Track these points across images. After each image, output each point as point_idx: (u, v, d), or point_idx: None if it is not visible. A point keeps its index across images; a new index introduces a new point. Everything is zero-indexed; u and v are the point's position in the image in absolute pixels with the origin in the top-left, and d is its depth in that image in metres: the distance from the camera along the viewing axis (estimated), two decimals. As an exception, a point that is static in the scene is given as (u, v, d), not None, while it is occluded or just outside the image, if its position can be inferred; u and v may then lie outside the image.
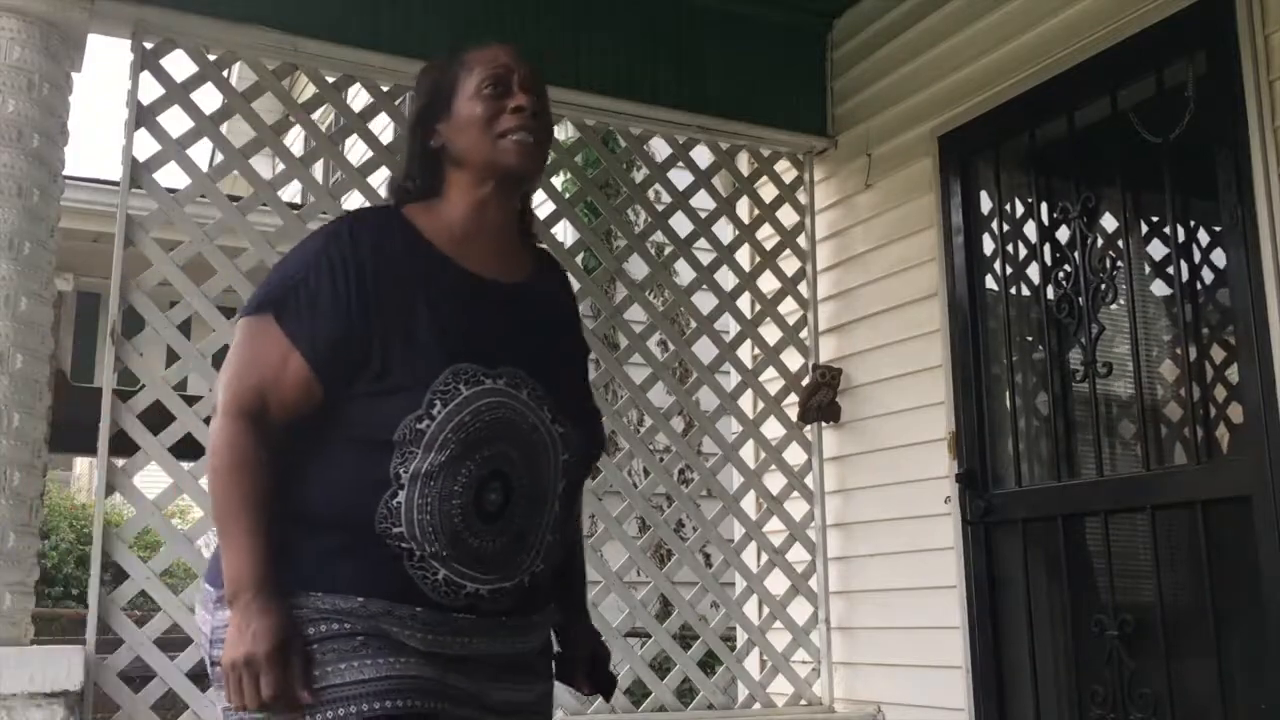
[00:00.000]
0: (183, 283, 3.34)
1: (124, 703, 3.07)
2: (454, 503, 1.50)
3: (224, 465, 1.51)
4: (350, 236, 1.58)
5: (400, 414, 1.49)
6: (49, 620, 8.05)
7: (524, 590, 1.57)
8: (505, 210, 1.69)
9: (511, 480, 1.54)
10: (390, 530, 1.49)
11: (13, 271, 2.92)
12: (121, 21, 3.34)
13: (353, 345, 1.53)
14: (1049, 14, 3.40)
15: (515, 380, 1.56)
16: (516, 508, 1.55)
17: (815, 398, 4.08)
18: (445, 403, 1.49)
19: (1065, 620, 3.26)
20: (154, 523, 3.29)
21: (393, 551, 1.50)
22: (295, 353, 1.53)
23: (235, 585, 1.47)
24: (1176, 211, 3.07)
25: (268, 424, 1.53)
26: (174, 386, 3.33)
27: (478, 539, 1.51)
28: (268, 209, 3.59)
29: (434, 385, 1.50)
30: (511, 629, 1.59)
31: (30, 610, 2.95)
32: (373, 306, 1.53)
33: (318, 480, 1.54)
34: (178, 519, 9.29)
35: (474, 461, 1.51)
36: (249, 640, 1.43)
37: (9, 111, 2.97)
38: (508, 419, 1.54)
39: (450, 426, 1.49)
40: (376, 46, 3.62)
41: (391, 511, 1.50)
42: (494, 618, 1.55)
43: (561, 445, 1.60)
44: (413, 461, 1.49)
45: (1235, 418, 3.03)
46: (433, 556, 1.50)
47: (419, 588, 1.50)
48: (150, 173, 3.36)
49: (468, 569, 1.51)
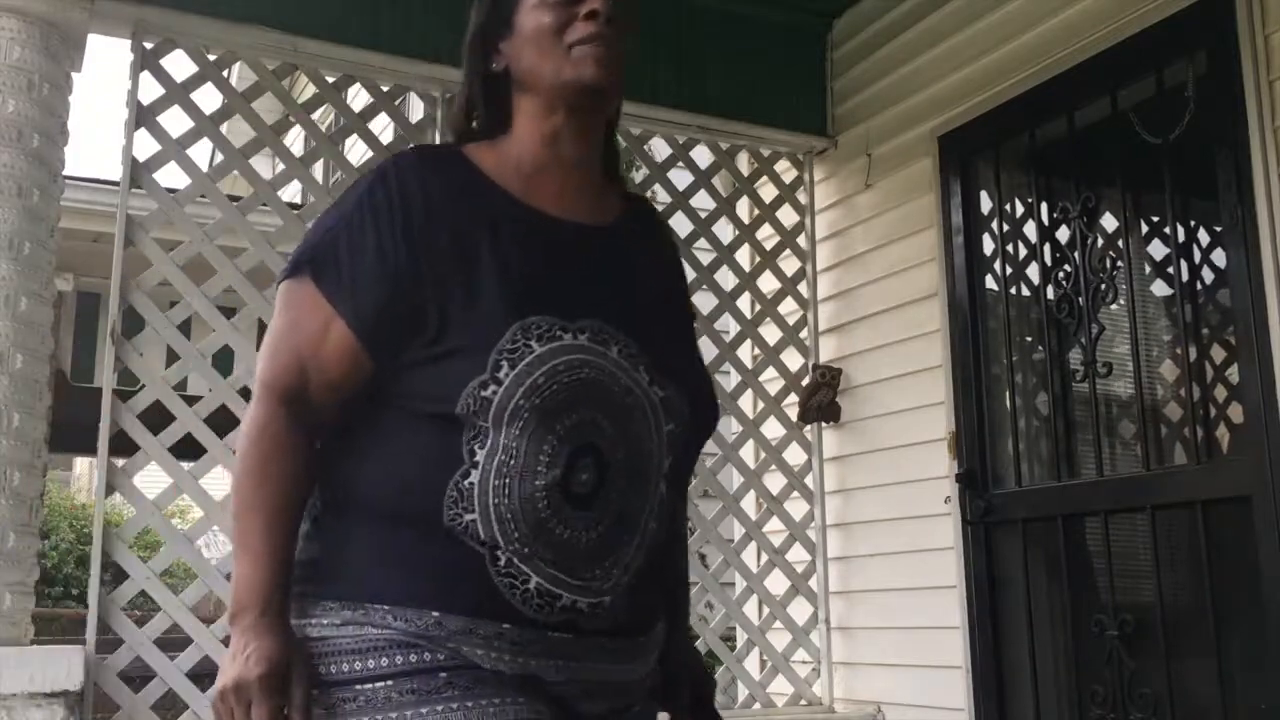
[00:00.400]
0: (183, 283, 3.34)
1: (124, 703, 3.06)
2: (537, 484, 1.24)
3: (251, 454, 1.28)
4: (397, 178, 1.33)
5: (462, 381, 1.24)
6: (49, 620, 8.06)
7: (626, 599, 1.30)
8: (584, 142, 1.41)
9: (605, 455, 1.27)
10: (462, 519, 1.24)
11: (13, 271, 2.92)
12: (121, 21, 3.34)
13: (403, 304, 1.27)
14: (1049, 14, 3.40)
15: (601, 335, 1.29)
16: (613, 490, 1.28)
17: (815, 398, 4.08)
18: (514, 363, 1.23)
19: (1065, 620, 3.26)
20: (154, 523, 3.29)
21: (469, 550, 1.24)
22: (337, 319, 1.28)
23: (241, 600, 1.24)
24: (1176, 211, 3.07)
25: (309, 406, 1.29)
26: (174, 386, 3.33)
27: (568, 529, 1.25)
28: (268, 209, 3.59)
29: (499, 344, 1.24)
30: (614, 653, 1.31)
31: (30, 610, 2.95)
32: (424, 257, 1.28)
33: (374, 463, 1.30)
34: (178, 519, 9.29)
35: (556, 434, 1.25)
36: (242, 664, 1.22)
37: (9, 111, 2.97)
38: (594, 380, 1.27)
39: (522, 391, 1.23)
40: (376, 46, 3.62)
41: (463, 494, 1.24)
42: (593, 637, 1.29)
43: (664, 413, 1.32)
44: (485, 437, 1.24)
45: (1235, 418, 3.03)
46: (516, 555, 1.23)
47: (505, 599, 1.24)
48: (150, 173, 3.36)
49: (561, 573, 1.25)
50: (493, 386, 1.23)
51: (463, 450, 1.25)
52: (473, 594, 1.23)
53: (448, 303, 1.27)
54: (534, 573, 1.24)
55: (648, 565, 1.32)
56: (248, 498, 1.27)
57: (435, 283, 1.27)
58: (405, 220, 1.29)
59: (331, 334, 1.28)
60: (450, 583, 1.24)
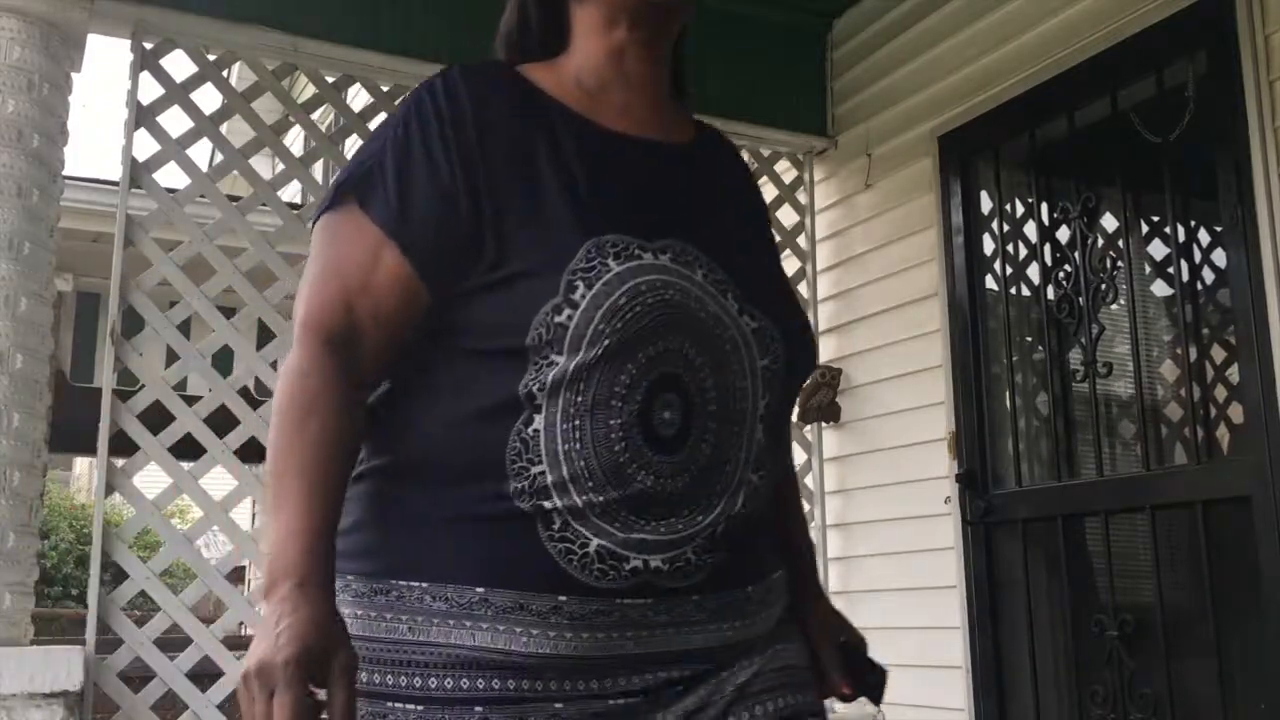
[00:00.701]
0: (182, 283, 3.34)
1: (124, 703, 3.06)
2: (613, 423, 1.08)
3: (289, 405, 1.10)
4: (445, 90, 1.16)
5: (530, 307, 1.08)
6: (49, 620, 8.07)
7: (721, 552, 1.12)
8: (650, 58, 1.27)
9: (691, 391, 1.11)
10: (529, 471, 1.08)
11: (12, 272, 2.92)
12: (121, 21, 3.34)
13: (459, 225, 1.12)
14: (1049, 14, 3.40)
15: (684, 257, 1.13)
16: (702, 432, 1.11)
17: (815, 398, 4.08)
18: (590, 283, 1.08)
19: (1065, 620, 3.26)
20: (153, 523, 3.28)
21: (519, 514, 1.08)
22: (388, 244, 1.12)
23: (276, 568, 1.04)
24: (1177, 211, 3.07)
25: (357, 350, 1.12)
26: (174, 386, 3.33)
27: (651, 475, 1.08)
28: (267, 209, 3.59)
29: (571, 264, 1.08)
30: (714, 612, 1.13)
31: (30, 610, 2.95)
32: (480, 171, 1.12)
33: (425, 414, 1.14)
34: (177, 519, 9.30)
35: (637, 363, 1.08)
36: (270, 643, 0.99)
37: (9, 111, 2.97)
38: (679, 304, 1.10)
39: (602, 314, 1.07)
40: (376, 46, 3.62)
41: (527, 444, 1.08)
42: (681, 597, 1.11)
43: (757, 346, 1.16)
44: (551, 374, 1.08)
45: (1236, 418, 3.03)
46: (586, 509, 1.07)
47: (560, 566, 1.07)
48: (150, 173, 3.36)
49: (634, 531, 1.08)
50: (568, 310, 1.07)
51: (526, 391, 1.09)
52: (523, 564, 1.07)
53: (508, 223, 1.12)
54: (595, 534, 1.07)
55: (748, 520, 1.14)
56: (284, 455, 1.08)
57: (493, 201, 1.12)
58: (456, 133, 1.14)
59: (382, 262, 1.12)
60: (498, 552, 1.08)
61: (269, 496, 1.10)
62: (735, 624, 1.15)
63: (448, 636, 1.07)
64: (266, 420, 3.34)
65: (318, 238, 1.17)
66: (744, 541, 1.15)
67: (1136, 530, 3.12)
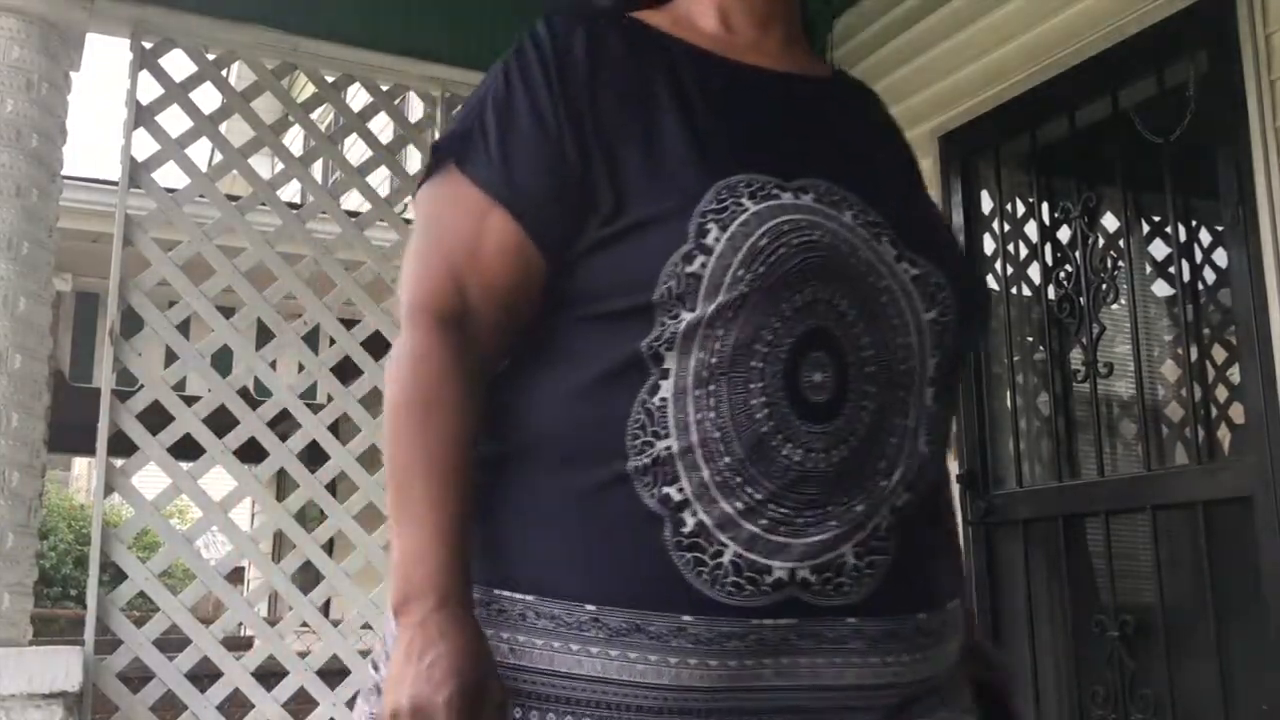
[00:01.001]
0: (182, 283, 3.34)
1: (123, 704, 3.06)
2: (754, 386, 0.92)
3: (407, 397, 0.97)
4: (548, 33, 1.06)
5: (656, 258, 0.95)
6: (48, 621, 8.07)
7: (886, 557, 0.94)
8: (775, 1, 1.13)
9: (845, 349, 0.95)
10: (653, 448, 0.92)
11: (11, 271, 2.92)
12: (120, 21, 3.34)
13: (570, 176, 0.99)
14: (1049, 14, 3.40)
15: (830, 197, 0.98)
16: (859, 398, 0.95)
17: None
18: (724, 225, 0.93)
19: (1066, 621, 3.26)
20: (153, 523, 3.28)
21: (643, 511, 0.92)
22: (494, 208, 1.00)
23: (410, 586, 0.92)
24: (1178, 211, 3.07)
25: (473, 329, 1.00)
26: (173, 386, 3.33)
27: (799, 448, 0.92)
28: (267, 208, 3.59)
29: (701, 207, 0.95)
30: (874, 641, 0.94)
31: (29, 611, 2.95)
32: (590, 119, 1.00)
33: (531, 392, 1.00)
34: (176, 519, 9.30)
35: (781, 315, 0.93)
36: (423, 677, 0.88)
37: (8, 111, 2.97)
38: (829, 247, 0.95)
39: (740, 259, 0.92)
40: (376, 46, 3.62)
41: (652, 414, 0.93)
42: (834, 619, 0.92)
43: (921, 296, 1.00)
44: (682, 325, 0.94)
45: (1236, 418, 3.03)
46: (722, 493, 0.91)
47: (685, 579, 0.91)
48: (149, 172, 3.35)
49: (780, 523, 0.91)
50: (701, 257, 0.93)
51: (651, 352, 0.94)
52: (641, 575, 0.91)
53: (625, 170, 0.99)
54: (731, 537, 0.90)
55: (918, 509, 0.97)
56: (407, 455, 0.96)
57: (606, 148, 1.00)
58: (562, 81, 1.02)
59: (490, 228, 1.00)
60: (613, 560, 0.92)
61: (392, 502, 0.97)
62: (903, 659, 0.94)
63: (550, 662, 0.92)
64: (265, 420, 3.37)
65: (419, 211, 1.07)
66: (915, 549, 0.96)
67: (1137, 530, 3.11)
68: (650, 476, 0.92)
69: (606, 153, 0.99)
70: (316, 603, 3.41)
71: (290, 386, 3.48)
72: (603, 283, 0.99)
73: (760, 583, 0.91)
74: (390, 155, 3.80)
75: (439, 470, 0.95)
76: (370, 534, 3.47)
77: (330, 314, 3.52)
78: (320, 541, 3.42)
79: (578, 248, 1.00)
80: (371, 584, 3.57)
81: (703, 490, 0.91)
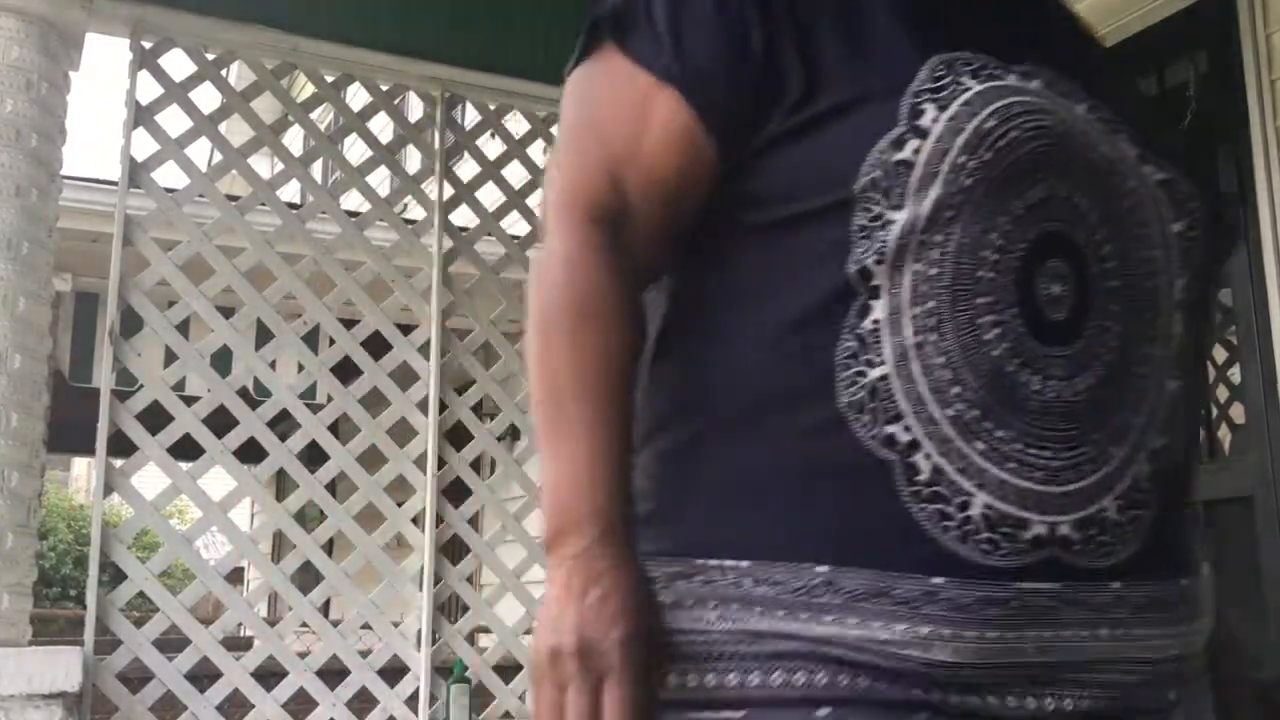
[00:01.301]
0: (181, 282, 3.34)
1: (122, 704, 3.06)
2: (982, 301, 0.77)
3: (556, 306, 0.85)
4: None
5: (858, 144, 0.80)
6: (47, 621, 8.07)
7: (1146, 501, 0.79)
8: None
9: (1086, 257, 0.80)
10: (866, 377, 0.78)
11: (11, 271, 2.92)
12: (120, 21, 3.34)
13: (750, 54, 0.85)
14: (1050, 13, 3.40)
15: (1059, 86, 0.85)
16: (1102, 315, 0.80)
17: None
18: (943, 104, 0.79)
19: (1066, 621, 3.26)
20: (152, 523, 3.28)
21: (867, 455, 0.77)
22: (661, 89, 0.86)
23: (567, 515, 0.81)
24: (1178, 211, 3.07)
25: (630, 230, 0.86)
26: (172, 386, 3.33)
27: (1038, 376, 0.77)
28: (266, 208, 3.59)
29: (914, 86, 0.80)
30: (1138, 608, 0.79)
31: (28, 611, 2.95)
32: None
33: (713, 328, 0.86)
34: (176, 519, 9.30)
35: (1012, 214, 0.78)
36: (591, 612, 0.78)
37: (7, 111, 2.97)
38: (1064, 136, 0.80)
39: (962, 142, 0.78)
40: (376, 46, 3.61)
41: (864, 341, 0.78)
42: (1097, 584, 0.77)
43: (1170, 204, 0.85)
44: (892, 232, 0.78)
45: (1237, 418, 3.02)
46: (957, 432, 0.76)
47: (932, 535, 0.76)
48: (149, 172, 3.35)
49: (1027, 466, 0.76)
50: (913, 141, 0.78)
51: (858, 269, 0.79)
52: (880, 531, 0.77)
53: (820, 44, 0.84)
54: (976, 485, 0.76)
55: (1172, 456, 0.81)
56: (559, 371, 0.84)
57: (795, 20, 0.85)
58: None
59: (655, 113, 0.86)
60: (842, 514, 0.78)
61: (541, 424, 0.85)
62: (1167, 633, 0.80)
63: (774, 625, 0.78)
64: (265, 420, 3.36)
65: (570, 98, 0.93)
66: (1172, 497, 0.81)
67: (1137, 530, 3.11)
68: (868, 415, 0.78)
69: (796, 28, 0.85)
70: (316, 603, 3.40)
71: (290, 386, 3.48)
72: (787, 181, 0.83)
73: (1017, 539, 0.76)
74: (390, 155, 3.80)
75: (596, 387, 0.83)
76: (370, 534, 3.46)
77: (330, 314, 3.52)
78: (320, 542, 3.41)
79: (756, 142, 0.85)
80: (371, 584, 3.57)
81: (933, 428, 0.77)
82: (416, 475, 3.53)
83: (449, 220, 3.75)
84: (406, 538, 3.55)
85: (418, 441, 3.56)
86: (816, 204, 0.81)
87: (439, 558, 3.52)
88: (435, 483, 3.54)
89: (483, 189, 3.87)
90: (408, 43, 3.61)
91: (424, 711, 3.42)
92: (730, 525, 0.81)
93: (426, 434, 3.56)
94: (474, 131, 3.94)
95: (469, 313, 3.76)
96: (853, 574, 0.76)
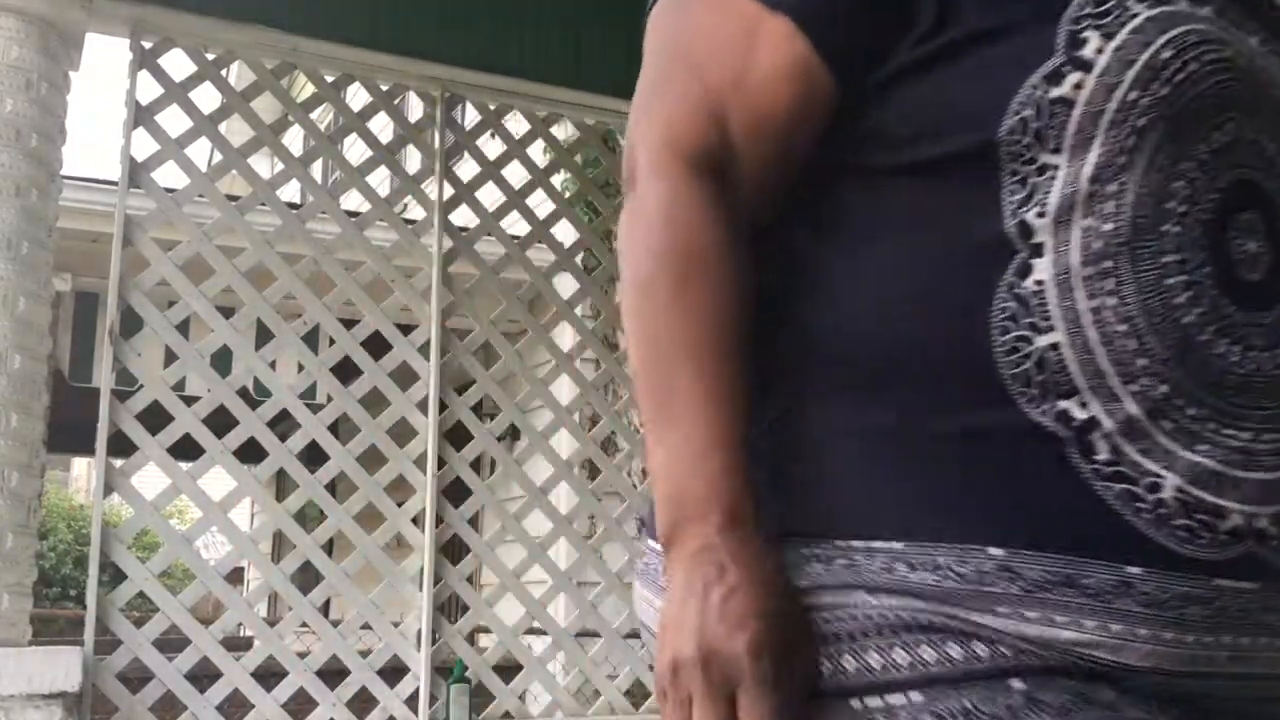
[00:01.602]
0: (181, 282, 3.34)
1: (122, 704, 3.06)
2: (1168, 260, 0.68)
3: (657, 268, 0.75)
4: None
5: (1006, 78, 0.70)
6: (47, 621, 8.07)
7: None
8: None
9: (1278, 208, 0.70)
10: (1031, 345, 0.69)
11: (11, 271, 2.92)
12: (120, 21, 3.33)
13: None
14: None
15: (1231, 14, 0.74)
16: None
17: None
18: (1109, 32, 0.69)
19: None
20: (152, 523, 3.28)
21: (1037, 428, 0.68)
22: (772, 16, 0.76)
23: (683, 503, 0.72)
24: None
25: (735, 176, 0.77)
26: (172, 387, 3.33)
27: (1235, 345, 0.68)
28: (266, 208, 3.58)
29: (1071, 11, 0.71)
30: None
31: (28, 611, 2.94)
32: None
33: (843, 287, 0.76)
34: (176, 519, 9.30)
35: (1197, 159, 0.69)
36: (716, 615, 0.69)
37: (7, 111, 2.97)
38: (1246, 70, 0.71)
39: (1133, 76, 0.68)
40: (376, 46, 3.61)
41: (1026, 303, 0.69)
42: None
43: None
44: (1055, 181, 0.69)
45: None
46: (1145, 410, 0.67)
47: (1124, 518, 0.67)
48: (148, 172, 3.35)
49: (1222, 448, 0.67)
50: (1074, 74, 0.68)
51: (1017, 224, 0.69)
52: (1064, 511, 0.67)
53: None
54: (1166, 466, 0.66)
55: None
56: (668, 334, 0.74)
57: None
58: None
59: (764, 42, 0.76)
60: (1018, 493, 0.68)
61: (646, 398, 0.75)
62: None
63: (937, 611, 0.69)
64: (265, 420, 3.37)
65: (657, 30, 0.84)
66: None
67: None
68: (1036, 389, 0.68)
69: None
70: (316, 603, 3.40)
71: (290, 386, 3.48)
72: (919, 120, 0.73)
73: (1216, 529, 0.66)
74: (390, 155, 3.80)
75: (711, 353, 0.73)
76: (370, 534, 3.46)
77: (330, 314, 3.52)
78: (320, 542, 3.41)
79: (880, 74, 0.75)
80: (371, 584, 3.57)
81: (1114, 405, 0.67)
82: (416, 475, 3.53)
83: (449, 220, 3.74)
84: (406, 538, 3.55)
85: (418, 441, 3.56)
86: (954, 146, 0.72)
87: (439, 558, 3.52)
88: (435, 483, 3.54)
89: (483, 189, 3.87)
90: (408, 43, 3.61)
91: (424, 711, 3.41)
92: (872, 502, 0.72)
93: (426, 434, 3.56)
94: (474, 131, 3.94)
95: (469, 313, 3.76)
96: (1033, 558, 0.67)
